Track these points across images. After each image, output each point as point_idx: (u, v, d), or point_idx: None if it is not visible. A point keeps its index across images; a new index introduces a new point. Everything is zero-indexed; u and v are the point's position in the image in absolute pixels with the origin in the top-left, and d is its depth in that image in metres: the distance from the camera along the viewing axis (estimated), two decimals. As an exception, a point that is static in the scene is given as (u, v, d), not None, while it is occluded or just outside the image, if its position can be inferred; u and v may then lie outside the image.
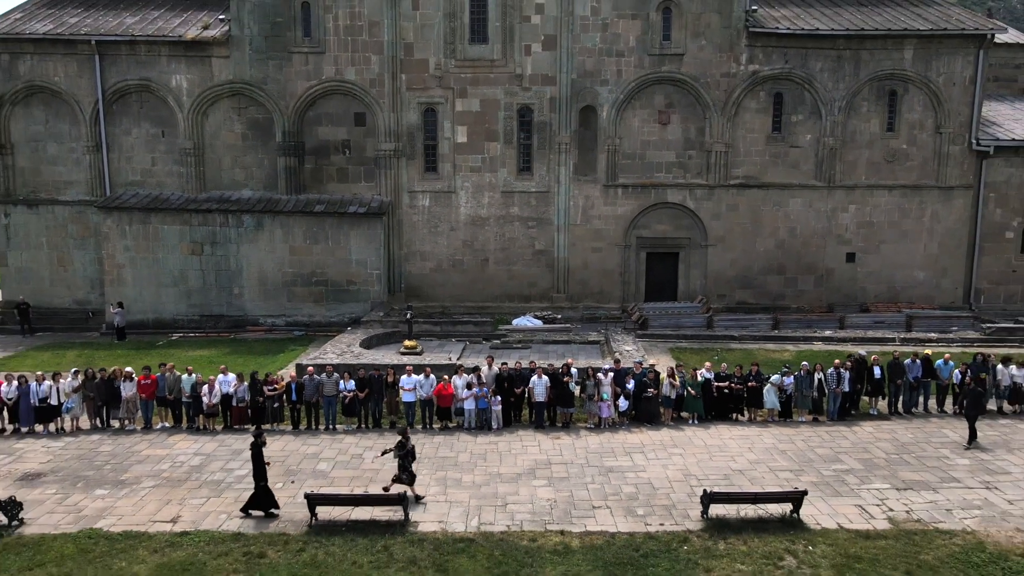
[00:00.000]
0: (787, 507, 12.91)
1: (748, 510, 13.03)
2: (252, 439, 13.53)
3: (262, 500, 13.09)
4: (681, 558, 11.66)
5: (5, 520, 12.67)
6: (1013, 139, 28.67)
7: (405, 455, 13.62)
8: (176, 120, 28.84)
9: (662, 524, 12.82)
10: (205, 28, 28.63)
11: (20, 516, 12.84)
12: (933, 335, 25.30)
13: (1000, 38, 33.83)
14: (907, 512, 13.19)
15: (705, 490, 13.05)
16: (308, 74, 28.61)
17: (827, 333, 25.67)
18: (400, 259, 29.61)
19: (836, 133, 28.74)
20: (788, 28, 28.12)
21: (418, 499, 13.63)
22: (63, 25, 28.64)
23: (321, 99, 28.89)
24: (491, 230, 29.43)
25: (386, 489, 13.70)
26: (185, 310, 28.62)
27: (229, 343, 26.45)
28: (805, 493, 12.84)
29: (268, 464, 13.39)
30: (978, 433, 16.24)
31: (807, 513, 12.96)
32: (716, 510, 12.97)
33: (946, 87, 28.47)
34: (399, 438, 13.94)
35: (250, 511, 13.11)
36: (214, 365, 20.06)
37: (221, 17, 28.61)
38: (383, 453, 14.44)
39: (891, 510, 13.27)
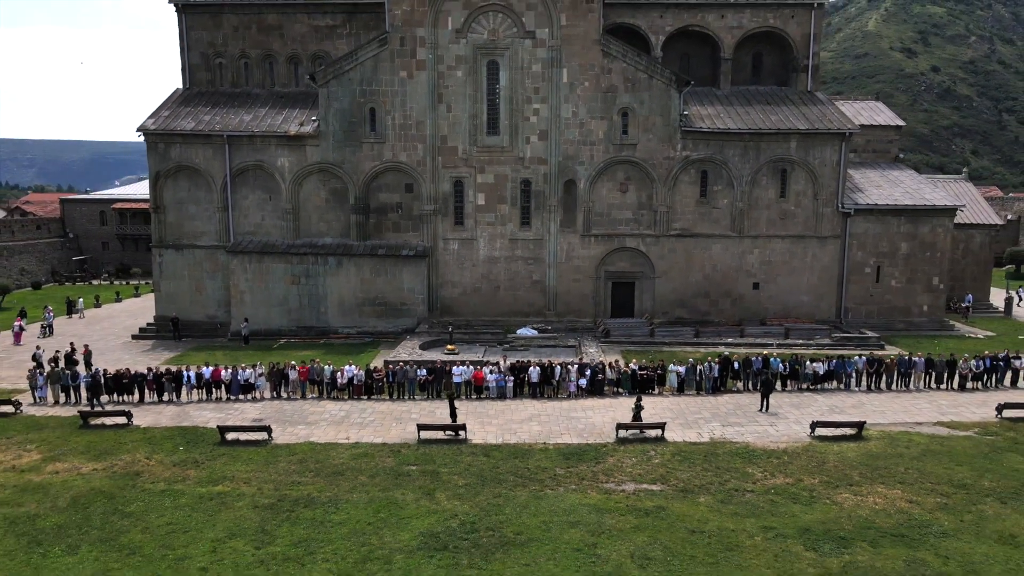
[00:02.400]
0: (658, 431, 26.14)
1: (637, 433, 26.25)
2: (448, 395, 27.20)
3: (455, 427, 26.18)
4: (601, 452, 24.85)
5: (266, 436, 25.93)
6: (867, 204, 41.99)
7: (638, 408, 26.58)
8: (280, 188, 42.14)
9: (596, 440, 26.00)
10: (301, 125, 41.94)
11: (271, 435, 26.09)
12: (800, 341, 38.61)
13: (876, 120, 47.52)
14: (721, 435, 26.42)
15: (617, 423, 26.33)
16: (373, 157, 41.91)
17: (729, 340, 38.94)
18: (437, 286, 42.89)
19: (744, 198, 42.06)
20: (709, 127, 41.45)
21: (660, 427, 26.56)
22: (201, 123, 41.92)
23: (381, 174, 42.20)
24: (501, 266, 42.74)
25: (634, 425, 26.57)
26: (287, 323, 41.95)
27: (321, 346, 39.69)
28: (664, 423, 26.11)
29: (456, 409, 26.67)
30: (772, 402, 29.26)
31: (669, 436, 26.17)
32: (622, 434, 26.18)
33: (820, 168, 41.80)
34: (635, 400, 26.95)
35: (452, 431, 26.11)
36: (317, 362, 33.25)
37: (313, 119, 41.86)
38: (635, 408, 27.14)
39: (713, 434, 26.50)
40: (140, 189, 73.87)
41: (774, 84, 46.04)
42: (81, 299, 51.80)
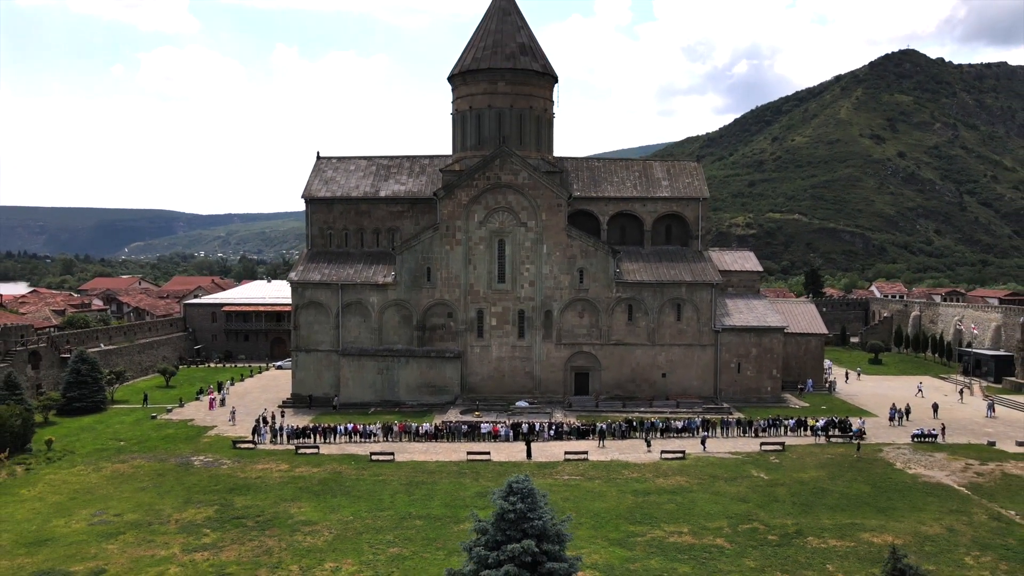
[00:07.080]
0: (585, 455, 55.68)
1: (575, 456, 55.76)
2: (526, 440, 56.75)
3: (529, 453, 55.63)
4: (555, 464, 54.31)
5: (392, 457, 55.54)
6: (731, 325, 72.31)
7: (647, 442, 56.39)
8: (371, 315, 72.60)
9: (553, 459, 55.47)
10: (384, 277, 72.69)
11: (394, 457, 55.68)
12: (684, 410, 68.25)
13: (746, 266, 78.20)
14: (616, 457, 55.93)
15: (565, 451, 55.98)
16: (428, 296, 72.47)
17: (642, 409, 68.66)
18: (466, 375, 72.91)
19: (655, 321, 72.42)
20: (632, 280, 72.12)
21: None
22: (323, 275, 72.74)
23: (433, 306, 72.70)
24: (506, 363, 72.85)
25: (573, 451, 56.31)
26: (374, 398, 71.91)
27: (396, 413, 69.45)
28: (587, 452, 55.70)
29: (532, 447, 56.27)
30: (653, 443, 58.87)
31: (592, 457, 55.67)
32: (568, 456, 55.73)
33: (700, 303, 72.28)
34: (644, 440, 56.88)
35: (528, 457, 55.54)
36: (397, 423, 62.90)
37: (392, 272, 72.59)
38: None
39: (613, 457, 56.00)
40: (241, 294, 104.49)
41: (679, 244, 76.96)
42: (226, 381, 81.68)
